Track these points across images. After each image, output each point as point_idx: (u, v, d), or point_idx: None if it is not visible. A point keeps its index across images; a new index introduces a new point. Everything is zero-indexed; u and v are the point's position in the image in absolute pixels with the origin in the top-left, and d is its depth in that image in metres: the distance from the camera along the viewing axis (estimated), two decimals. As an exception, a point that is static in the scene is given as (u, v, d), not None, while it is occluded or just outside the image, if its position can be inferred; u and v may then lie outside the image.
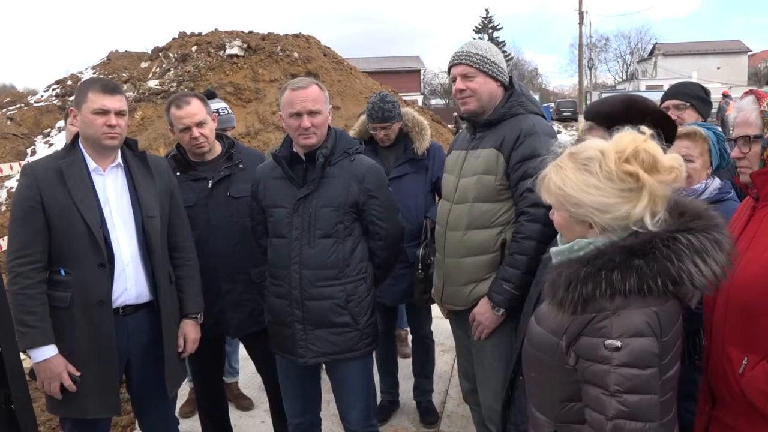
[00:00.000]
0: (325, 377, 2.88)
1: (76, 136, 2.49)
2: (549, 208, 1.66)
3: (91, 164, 2.45)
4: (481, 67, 2.49)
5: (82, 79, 2.70)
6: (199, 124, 2.87)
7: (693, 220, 1.50)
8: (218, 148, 3.03)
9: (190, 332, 2.71)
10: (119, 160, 2.52)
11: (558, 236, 1.69)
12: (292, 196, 2.58)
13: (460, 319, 2.72)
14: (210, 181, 2.92)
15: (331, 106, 2.67)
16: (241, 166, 2.97)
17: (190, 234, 2.78)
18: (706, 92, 3.23)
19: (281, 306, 2.62)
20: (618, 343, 1.41)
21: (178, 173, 2.93)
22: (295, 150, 2.62)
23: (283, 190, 2.61)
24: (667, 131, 2.09)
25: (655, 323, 1.43)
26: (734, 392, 1.69)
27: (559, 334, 1.53)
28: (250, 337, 3.11)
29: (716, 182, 2.39)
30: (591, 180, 1.49)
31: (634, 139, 1.51)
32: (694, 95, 3.14)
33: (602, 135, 1.86)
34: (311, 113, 2.50)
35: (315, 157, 2.55)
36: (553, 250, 1.65)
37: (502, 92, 2.57)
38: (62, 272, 2.38)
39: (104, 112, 2.38)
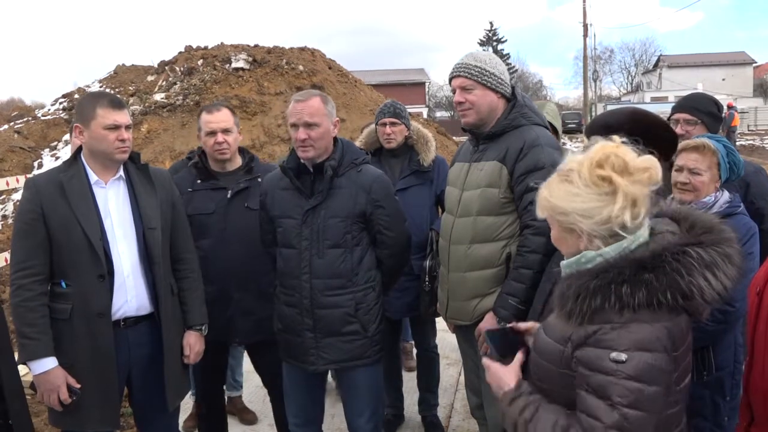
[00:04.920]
0: (328, 390, 2.87)
1: (79, 149, 2.51)
2: None
3: (93, 177, 2.46)
4: (479, 79, 2.48)
5: (88, 93, 2.74)
6: (225, 131, 3.00)
7: (704, 234, 1.51)
8: (238, 161, 3.14)
9: (194, 343, 2.71)
10: (121, 172, 2.53)
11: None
12: (300, 207, 2.59)
13: (466, 332, 2.70)
14: (229, 192, 3.00)
15: (337, 118, 2.67)
16: (259, 179, 3.04)
17: (192, 246, 2.80)
18: (719, 108, 3.15)
19: (292, 315, 2.63)
20: (623, 357, 1.40)
21: (198, 181, 3.04)
22: (302, 161, 2.63)
23: (292, 201, 2.62)
24: (668, 144, 2.12)
25: (666, 339, 1.43)
26: None
27: (564, 342, 1.54)
28: (256, 346, 3.13)
29: (726, 195, 2.37)
30: (572, 189, 1.53)
31: (604, 146, 1.56)
32: (707, 112, 3.07)
33: None
34: (308, 125, 2.51)
35: (323, 169, 2.57)
36: (562, 263, 1.66)
37: (504, 104, 2.56)
38: (63, 284, 2.39)
39: (116, 127, 2.41)
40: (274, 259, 2.76)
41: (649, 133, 1.81)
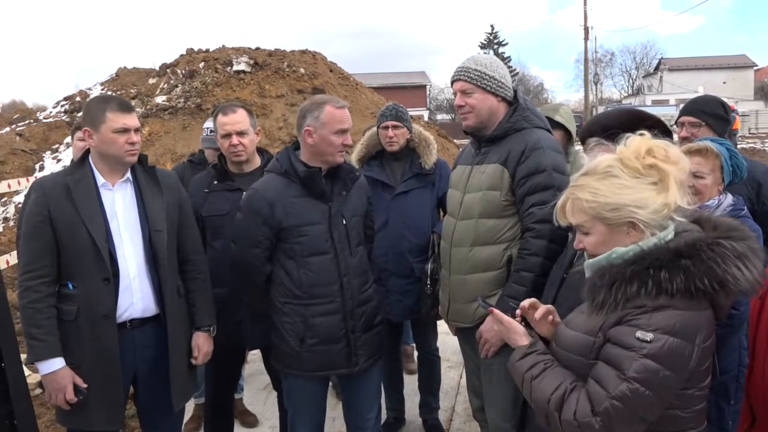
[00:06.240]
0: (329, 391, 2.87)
1: (87, 152, 2.52)
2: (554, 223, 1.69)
3: (100, 179, 2.47)
4: (478, 83, 2.49)
5: (91, 96, 2.73)
6: (240, 133, 2.97)
7: (730, 231, 1.56)
8: (257, 161, 3.12)
9: (203, 344, 2.72)
10: (128, 175, 2.54)
11: (584, 255, 1.72)
12: (323, 211, 2.59)
13: (468, 335, 2.70)
14: (244, 193, 2.95)
15: None
16: None
17: (201, 247, 2.79)
18: (726, 110, 3.11)
19: (332, 323, 2.58)
20: (649, 336, 1.44)
21: (215, 182, 3.03)
22: (312, 165, 2.60)
23: (311, 207, 2.58)
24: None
25: (694, 329, 1.46)
26: None
27: (594, 333, 1.56)
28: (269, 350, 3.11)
29: (729, 198, 2.37)
30: (620, 182, 1.56)
31: (642, 139, 1.61)
32: (711, 114, 3.06)
33: (609, 149, 1.92)
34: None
35: (338, 171, 2.63)
36: (587, 263, 1.67)
37: (506, 107, 2.55)
38: (70, 286, 2.41)
39: (125, 130, 2.43)
40: (267, 278, 2.65)
41: (645, 127, 1.85)
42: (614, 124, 2.24)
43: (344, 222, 2.60)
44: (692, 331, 1.45)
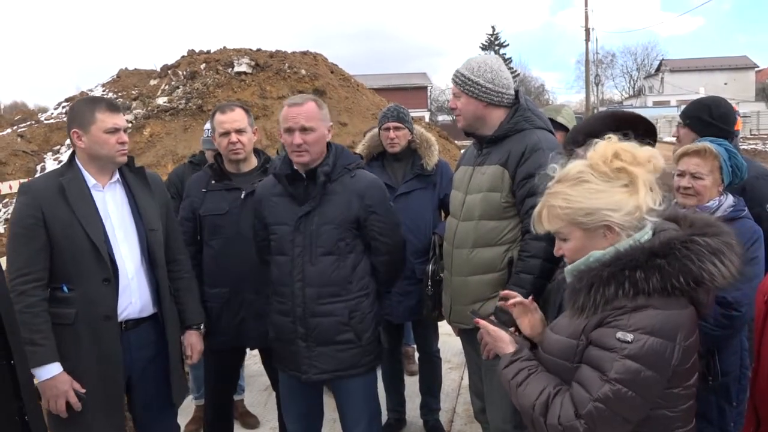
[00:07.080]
0: (327, 397, 2.86)
1: (73, 153, 2.51)
2: None
3: (90, 181, 2.46)
4: (462, 88, 2.50)
5: (82, 99, 2.68)
6: (239, 131, 2.98)
7: (705, 227, 1.56)
8: (254, 161, 3.14)
9: (196, 343, 2.74)
10: (117, 176, 2.54)
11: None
12: (294, 214, 2.57)
13: (470, 336, 2.69)
14: (243, 192, 2.99)
15: (331, 123, 2.67)
16: None
17: (184, 247, 2.83)
18: (713, 114, 2.97)
19: (284, 323, 2.61)
20: (630, 337, 1.44)
21: (212, 181, 3.04)
22: (295, 167, 2.61)
23: (285, 208, 2.60)
24: (648, 134, 2.29)
25: (675, 327, 1.46)
26: None
27: (577, 336, 1.56)
28: (269, 350, 3.11)
29: (730, 199, 2.37)
30: (592, 186, 1.57)
31: (608, 143, 1.63)
32: (691, 115, 3.05)
33: None
34: (303, 130, 2.49)
35: (316, 174, 2.55)
36: (567, 268, 1.68)
37: (502, 111, 2.53)
38: (65, 289, 2.37)
39: (116, 130, 2.44)
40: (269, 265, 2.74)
41: (630, 129, 1.86)
42: (596, 131, 2.21)
43: (312, 227, 2.54)
44: (673, 330, 1.45)
